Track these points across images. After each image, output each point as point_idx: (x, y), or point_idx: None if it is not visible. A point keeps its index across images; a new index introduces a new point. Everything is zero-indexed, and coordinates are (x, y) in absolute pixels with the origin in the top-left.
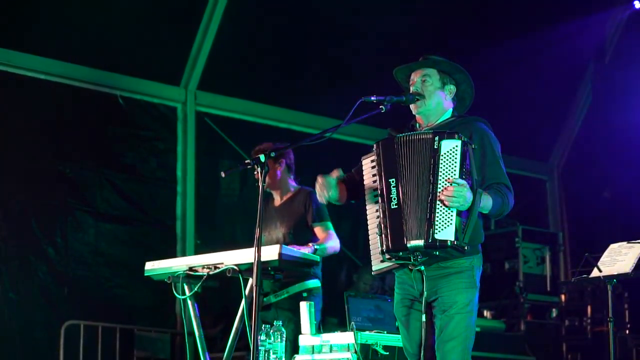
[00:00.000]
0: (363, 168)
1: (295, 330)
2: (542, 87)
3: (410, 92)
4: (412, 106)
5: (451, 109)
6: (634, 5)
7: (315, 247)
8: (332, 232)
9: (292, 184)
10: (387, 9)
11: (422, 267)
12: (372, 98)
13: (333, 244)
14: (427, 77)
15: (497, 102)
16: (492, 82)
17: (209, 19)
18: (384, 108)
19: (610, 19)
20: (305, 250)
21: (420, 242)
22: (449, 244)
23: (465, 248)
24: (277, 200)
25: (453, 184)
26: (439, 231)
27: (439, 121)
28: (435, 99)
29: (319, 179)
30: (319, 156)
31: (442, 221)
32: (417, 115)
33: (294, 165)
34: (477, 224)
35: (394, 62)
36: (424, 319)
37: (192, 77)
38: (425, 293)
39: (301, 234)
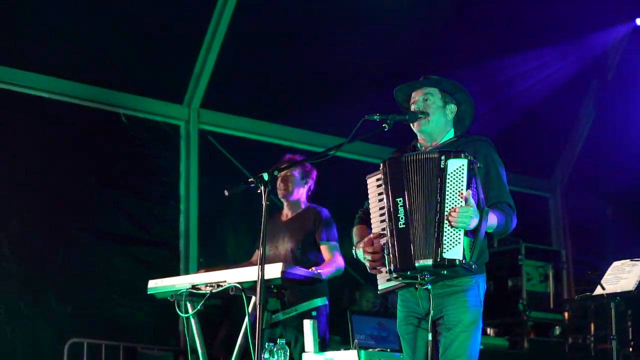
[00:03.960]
0: (368, 187)
1: (303, 348)
2: (545, 104)
3: (412, 110)
4: (414, 125)
5: (452, 129)
6: (635, 22)
7: (319, 271)
8: (338, 252)
9: (305, 202)
10: (387, 28)
11: (429, 286)
12: (375, 117)
13: (336, 266)
14: (429, 96)
15: (500, 120)
16: (493, 100)
17: (212, 37)
18: (386, 126)
19: (612, 36)
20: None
21: (429, 262)
22: (457, 262)
23: (473, 267)
24: (286, 214)
25: (460, 203)
26: (447, 250)
27: (442, 141)
28: (437, 118)
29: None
30: (323, 174)
31: (450, 240)
32: (419, 135)
33: (314, 185)
34: (483, 244)
35: (396, 80)
36: (430, 337)
37: (195, 96)
38: (432, 311)
39: (309, 249)
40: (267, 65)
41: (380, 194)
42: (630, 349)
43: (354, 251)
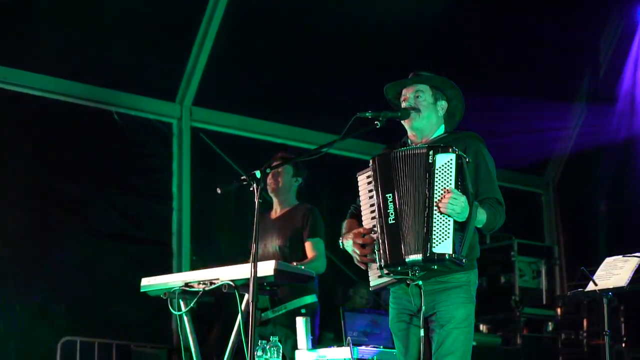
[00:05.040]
0: (359, 184)
1: (293, 346)
2: (537, 100)
3: (404, 107)
4: (405, 122)
5: (443, 125)
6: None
7: (300, 267)
8: (321, 251)
9: (295, 199)
10: (381, 25)
11: (420, 282)
12: (367, 114)
13: (317, 264)
14: (420, 93)
15: (493, 116)
16: (487, 96)
17: (204, 35)
18: (379, 124)
19: (604, 33)
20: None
21: (419, 257)
22: (447, 257)
23: (464, 261)
24: (276, 212)
25: (450, 192)
26: (437, 245)
27: (432, 137)
28: (428, 114)
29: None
30: (315, 171)
31: (440, 235)
32: (410, 131)
33: (304, 182)
34: (473, 239)
35: (388, 78)
36: (422, 333)
37: (188, 93)
38: (423, 308)
39: (297, 247)
40: (259, 63)
41: (370, 190)
42: (623, 345)
43: (340, 242)
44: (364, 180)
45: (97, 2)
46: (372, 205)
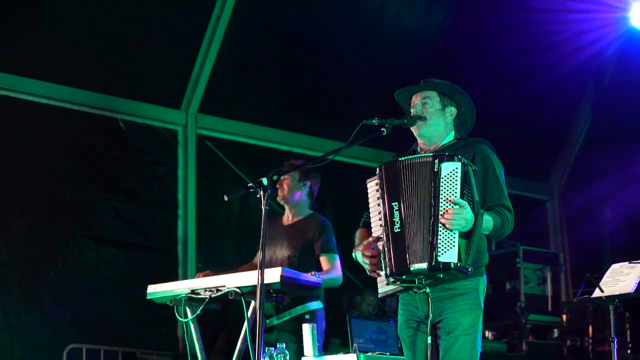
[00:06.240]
0: (368, 191)
1: (298, 352)
2: (542, 107)
3: (411, 114)
4: (413, 128)
5: (453, 132)
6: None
7: (318, 276)
8: (337, 264)
9: (308, 208)
10: (388, 33)
11: (428, 289)
12: (374, 121)
13: (335, 277)
14: (427, 100)
15: (497, 123)
16: (492, 103)
17: (210, 42)
18: (385, 131)
19: (609, 40)
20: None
21: (424, 265)
22: (452, 266)
23: (469, 270)
24: (288, 218)
25: (453, 205)
26: (442, 253)
27: (441, 144)
28: (436, 121)
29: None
30: (321, 178)
31: (445, 243)
32: (418, 138)
33: (317, 191)
34: (481, 246)
35: (395, 84)
36: (429, 341)
37: (193, 101)
38: (430, 315)
39: (306, 259)
40: (264, 70)
41: (378, 198)
42: (629, 351)
43: (353, 254)
44: (372, 187)
45: (103, 10)
46: (379, 212)
